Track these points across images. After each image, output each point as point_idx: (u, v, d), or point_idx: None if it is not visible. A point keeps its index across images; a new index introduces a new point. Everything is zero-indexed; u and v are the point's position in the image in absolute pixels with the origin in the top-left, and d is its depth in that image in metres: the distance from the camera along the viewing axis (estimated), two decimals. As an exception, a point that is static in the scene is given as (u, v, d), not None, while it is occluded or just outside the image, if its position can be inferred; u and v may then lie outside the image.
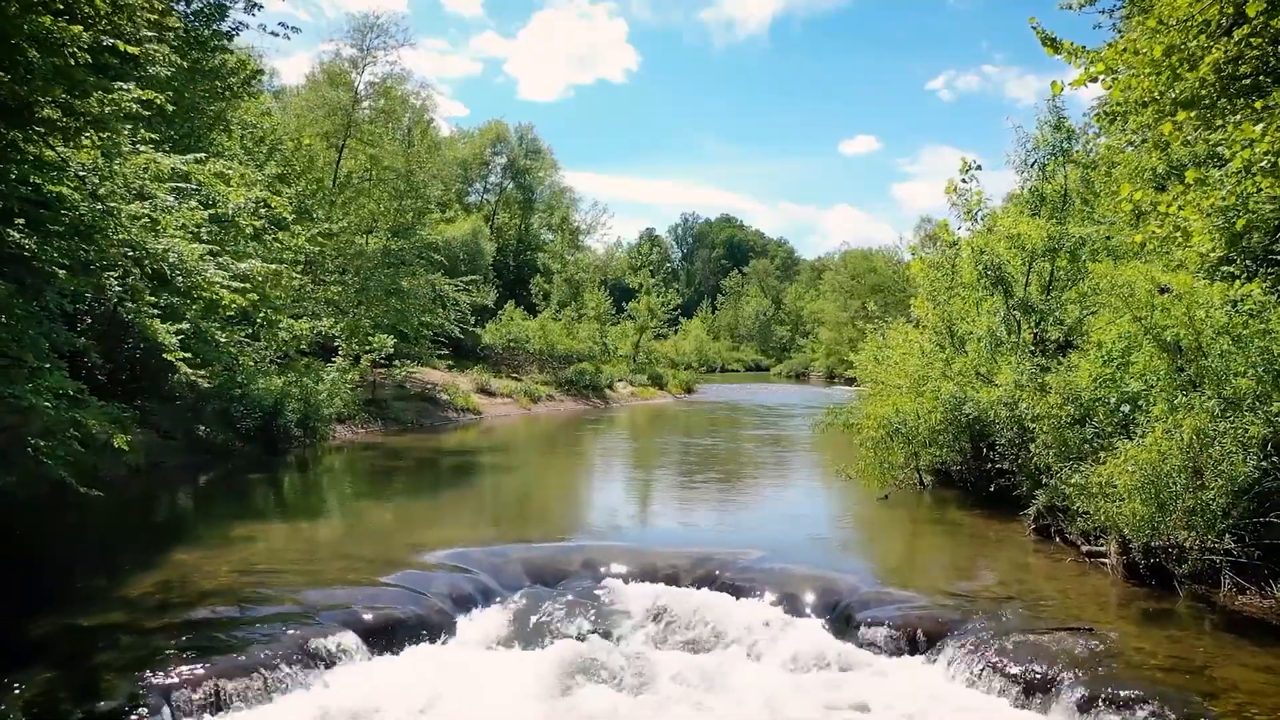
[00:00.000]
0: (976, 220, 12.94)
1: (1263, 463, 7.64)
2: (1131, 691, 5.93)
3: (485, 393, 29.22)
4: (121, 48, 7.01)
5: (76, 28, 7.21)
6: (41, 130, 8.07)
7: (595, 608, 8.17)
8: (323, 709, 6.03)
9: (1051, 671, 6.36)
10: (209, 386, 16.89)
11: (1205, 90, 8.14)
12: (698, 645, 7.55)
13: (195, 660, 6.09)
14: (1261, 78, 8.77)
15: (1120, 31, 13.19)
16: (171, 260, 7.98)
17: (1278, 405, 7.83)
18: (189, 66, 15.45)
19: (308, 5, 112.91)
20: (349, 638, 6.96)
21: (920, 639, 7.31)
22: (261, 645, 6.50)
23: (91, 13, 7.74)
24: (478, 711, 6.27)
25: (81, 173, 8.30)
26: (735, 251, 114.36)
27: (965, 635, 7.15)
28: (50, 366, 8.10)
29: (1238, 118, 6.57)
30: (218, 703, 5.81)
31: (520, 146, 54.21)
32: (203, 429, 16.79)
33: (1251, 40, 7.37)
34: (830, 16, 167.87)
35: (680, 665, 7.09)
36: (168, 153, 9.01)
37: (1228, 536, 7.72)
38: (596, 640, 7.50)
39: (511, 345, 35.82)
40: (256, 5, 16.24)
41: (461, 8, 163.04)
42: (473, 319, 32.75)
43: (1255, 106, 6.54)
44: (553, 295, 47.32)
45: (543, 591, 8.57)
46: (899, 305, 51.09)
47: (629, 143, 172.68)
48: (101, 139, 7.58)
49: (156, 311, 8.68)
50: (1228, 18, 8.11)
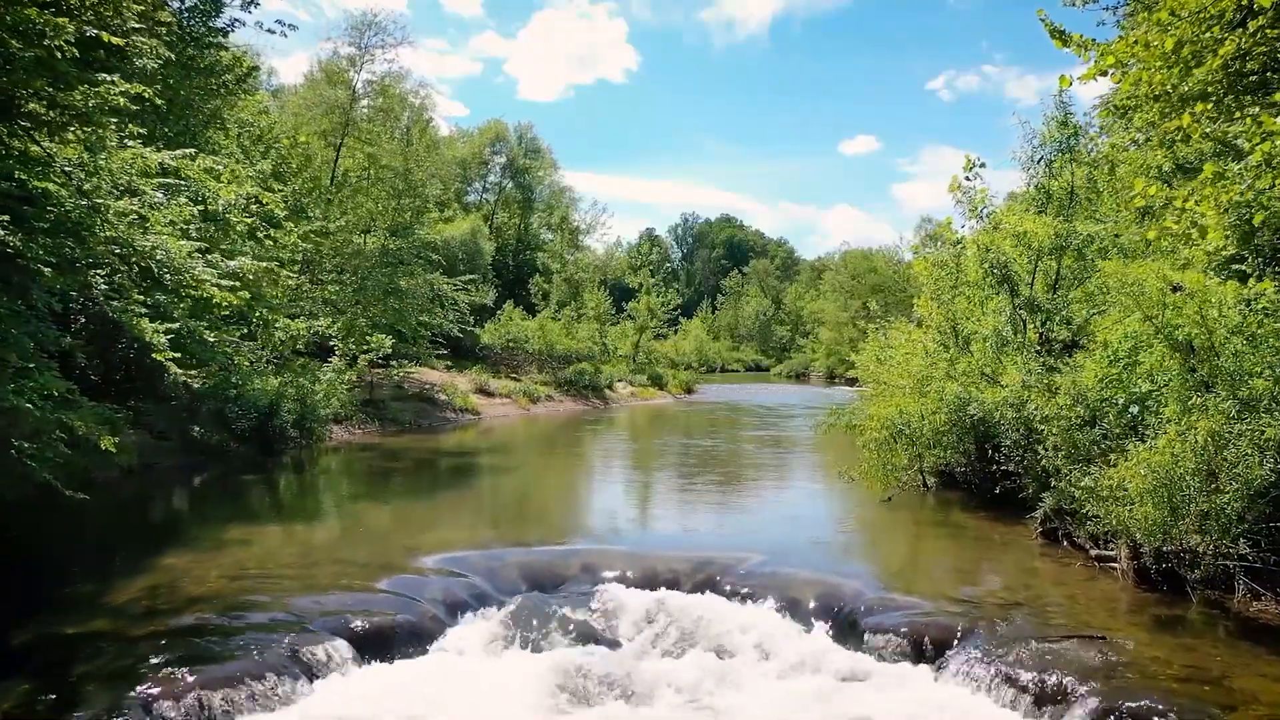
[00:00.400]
0: (982, 217, 12.73)
1: (1279, 466, 7.45)
2: (1147, 703, 5.73)
3: (484, 393, 29.02)
4: (106, 39, 6.81)
5: (62, 20, 7.02)
6: (27, 125, 7.88)
7: (593, 614, 7.98)
8: (310, 720, 5.83)
9: (1064, 681, 6.16)
10: (204, 387, 16.76)
11: (1213, 87, 7.98)
12: (698, 652, 7.33)
13: (179, 670, 5.89)
14: (1269, 74, 8.59)
15: (1124, 29, 13.00)
16: (159, 258, 7.77)
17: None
18: (183, 63, 15.31)
19: (308, 5, 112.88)
20: (340, 646, 6.76)
21: (927, 646, 7.11)
22: (249, 654, 6.30)
23: (77, 3, 7.55)
24: (471, 722, 6.07)
25: (68, 168, 8.11)
26: (735, 251, 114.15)
27: (974, 643, 6.96)
28: (35, 366, 7.90)
29: (1256, 110, 6.37)
30: (201, 714, 5.61)
31: (519, 146, 54.08)
32: (197, 430, 16.60)
33: (1268, 32, 7.19)
34: (830, 16, 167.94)
35: (680, 674, 6.88)
36: (158, 148, 8.79)
37: (1242, 541, 7.54)
38: (594, 648, 7.31)
39: (510, 345, 35.59)
40: (253, 2, 16.07)
41: (461, 8, 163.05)
42: (471, 319, 32.55)
43: (1276, 99, 6.34)
44: (552, 295, 47.09)
45: (540, 597, 8.38)
46: (899, 305, 50.98)
47: (629, 143, 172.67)
48: (86, 133, 7.37)
49: (145, 310, 8.48)
50: (1241, 10, 7.94)
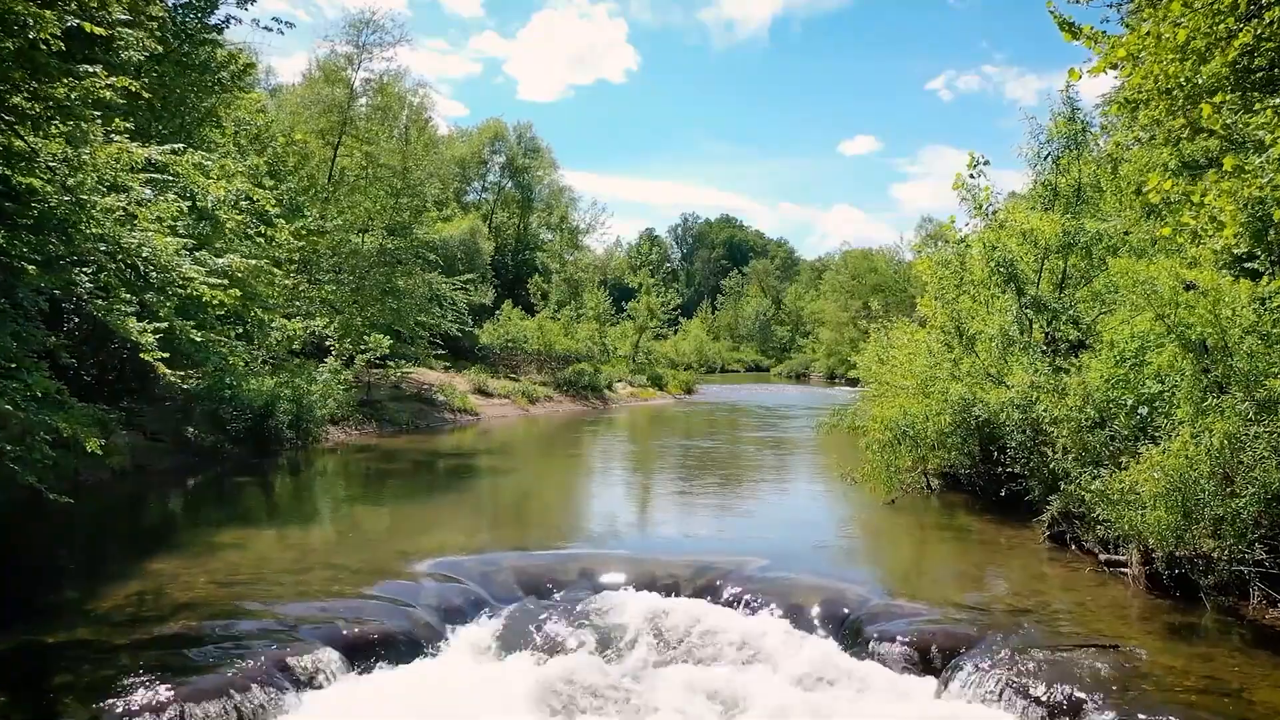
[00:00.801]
0: (986, 214, 12.52)
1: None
2: (1164, 716, 5.53)
3: (482, 393, 28.79)
4: (88, 29, 6.60)
5: (46, 12, 6.81)
6: (10, 119, 7.67)
7: (591, 620, 7.77)
8: (297, 734, 5.64)
9: (1077, 692, 5.96)
10: (199, 387, 16.51)
11: (1220, 84, 7.79)
12: (698, 661, 7.14)
13: (161, 681, 5.68)
14: (1277, 70, 8.38)
15: (1128, 26, 12.81)
16: (144, 255, 7.56)
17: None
18: (177, 59, 15.10)
19: (307, 5, 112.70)
20: (329, 655, 6.55)
21: (934, 655, 6.91)
22: (234, 664, 6.10)
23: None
24: (464, 735, 5.88)
25: (52, 163, 7.89)
26: (735, 252, 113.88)
27: (982, 651, 6.75)
28: (18, 367, 7.69)
29: (1277, 100, 6.17)
30: (182, 728, 5.40)
31: (519, 145, 53.85)
32: (192, 431, 16.40)
33: (1286, 22, 7.00)
34: (830, 16, 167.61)
35: (680, 683, 6.68)
36: (145, 144, 8.59)
37: (1258, 546, 7.33)
38: (591, 657, 7.10)
39: (509, 345, 35.35)
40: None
41: (461, 8, 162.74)
42: (470, 319, 32.33)
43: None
44: (551, 295, 46.88)
45: (536, 603, 8.18)
46: (900, 305, 50.78)
47: (629, 143, 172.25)
48: (68, 127, 7.15)
49: (131, 309, 8.26)
50: (1255, 1, 7.75)
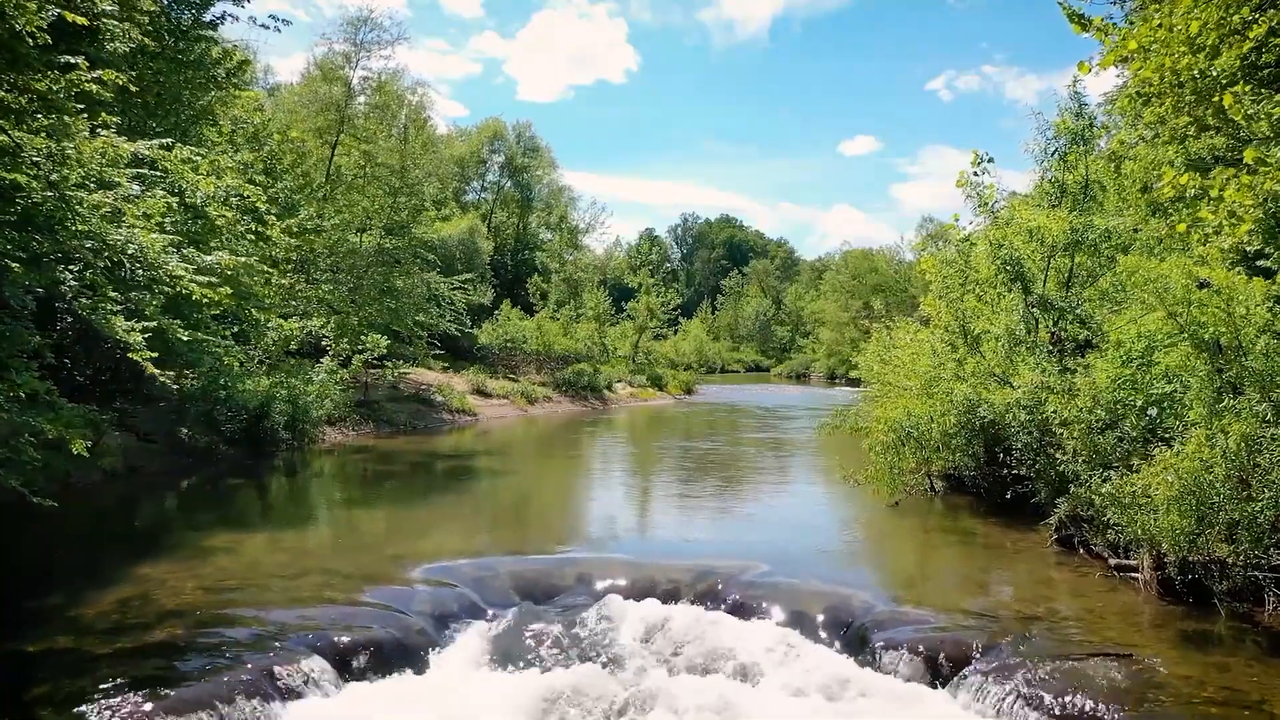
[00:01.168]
0: (992, 212, 12.32)
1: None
2: (1183, 729, 5.34)
3: (481, 394, 28.59)
4: (69, 18, 6.41)
5: (29, 2, 6.62)
6: (-6, 113, 7.48)
7: (589, 627, 7.58)
8: (283, 747, 5.44)
9: (1091, 704, 5.76)
10: (193, 388, 16.36)
11: (1226, 79, 7.62)
12: (699, 670, 6.93)
13: (142, 692, 5.48)
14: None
15: (1133, 22, 12.64)
16: (130, 252, 7.36)
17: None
18: (171, 56, 14.90)
19: (306, 5, 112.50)
20: (318, 664, 6.35)
21: (942, 664, 6.71)
22: (219, 674, 5.89)
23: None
24: (457, 748, 5.68)
25: (37, 159, 7.69)
26: (735, 252, 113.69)
27: (992, 660, 6.56)
28: (3, 366, 7.50)
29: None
30: (164, 742, 5.21)
31: (518, 145, 53.67)
32: (185, 431, 16.21)
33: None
34: (830, 17, 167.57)
35: (680, 692, 6.46)
36: (132, 139, 8.39)
37: (1274, 551, 7.13)
38: (589, 665, 6.89)
39: (508, 345, 35.14)
40: (244, -4, 15.66)
41: (461, 8, 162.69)
42: (469, 319, 32.14)
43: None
44: (550, 295, 46.66)
45: (533, 609, 7.98)
46: (901, 305, 50.59)
47: (629, 143, 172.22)
48: (50, 120, 6.96)
49: (119, 308, 8.06)
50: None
